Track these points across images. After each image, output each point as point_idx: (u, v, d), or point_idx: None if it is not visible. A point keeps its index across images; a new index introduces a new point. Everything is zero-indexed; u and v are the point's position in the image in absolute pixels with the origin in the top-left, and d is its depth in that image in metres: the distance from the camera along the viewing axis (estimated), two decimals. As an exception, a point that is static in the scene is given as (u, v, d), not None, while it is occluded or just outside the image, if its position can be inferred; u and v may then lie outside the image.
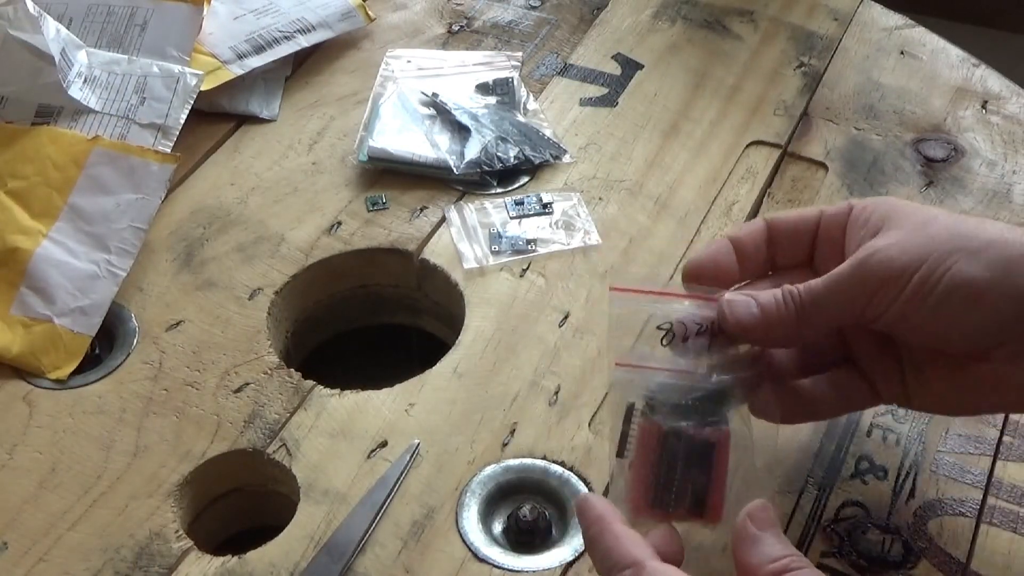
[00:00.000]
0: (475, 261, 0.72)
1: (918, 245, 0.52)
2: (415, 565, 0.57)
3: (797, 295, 0.53)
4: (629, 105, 0.84)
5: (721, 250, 0.57)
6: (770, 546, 0.48)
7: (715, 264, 0.56)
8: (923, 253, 0.51)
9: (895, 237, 0.52)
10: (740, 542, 0.49)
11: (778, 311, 0.53)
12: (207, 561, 0.58)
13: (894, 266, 0.51)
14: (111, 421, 0.64)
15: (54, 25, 0.78)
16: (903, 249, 0.52)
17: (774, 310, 0.53)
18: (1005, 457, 0.62)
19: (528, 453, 0.62)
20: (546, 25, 0.91)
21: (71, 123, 0.76)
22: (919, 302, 0.51)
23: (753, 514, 0.50)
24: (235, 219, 0.75)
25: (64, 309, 0.68)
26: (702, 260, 0.56)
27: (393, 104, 0.82)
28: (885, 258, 0.52)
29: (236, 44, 0.84)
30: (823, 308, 0.53)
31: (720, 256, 0.57)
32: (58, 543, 0.58)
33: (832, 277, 0.53)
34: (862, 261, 0.52)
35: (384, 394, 0.65)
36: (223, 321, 0.69)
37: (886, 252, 0.52)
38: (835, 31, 0.90)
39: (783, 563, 0.48)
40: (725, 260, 0.56)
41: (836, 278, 0.52)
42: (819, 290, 0.53)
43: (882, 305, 0.52)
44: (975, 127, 0.82)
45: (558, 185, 0.77)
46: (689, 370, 0.52)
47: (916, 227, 0.52)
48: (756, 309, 0.53)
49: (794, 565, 0.48)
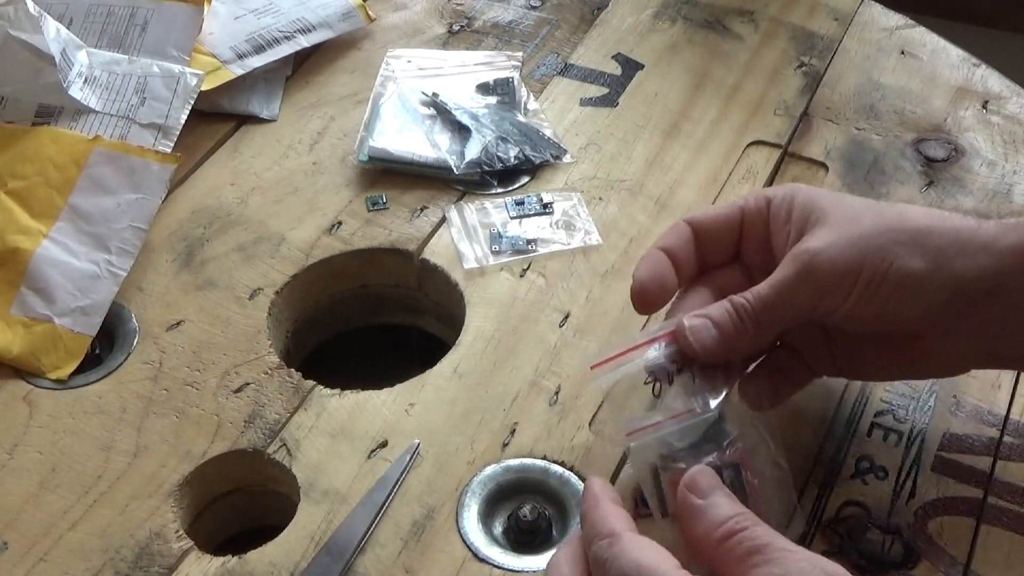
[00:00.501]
0: (475, 261, 0.72)
1: (853, 243, 0.54)
2: (415, 565, 0.57)
3: (749, 308, 0.54)
4: (629, 105, 0.84)
5: (660, 264, 0.58)
6: (713, 512, 0.48)
7: (660, 283, 0.58)
8: (861, 252, 0.53)
9: (829, 237, 0.54)
10: (683, 518, 0.49)
11: (735, 327, 0.54)
12: (207, 561, 0.58)
13: (837, 268, 0.53)
14: (111, 421, 0.64)
15: (54, 25, 0.78)
16: (841, 250, 0.54)
17: (731, 327, 0.54)
18: (1005, 457, 0.62)
19: (528, 453, 0.62)
20: (546, 25, 0.91)
21: (71, 123, 0.76)
22: (868, 299, 0.54)
23: (691, 483, 0.49)
24: (235, 219, 0.75)
25: (64, 309, 0.68)
26: (646, 282, 0.57)
27: (393, 104, 0.82)
28: (827, 260, 0.53)
29: (236, 44, 0.84)
30: (775, 315, 0.54)
31: (661, 271, 0.58)
32: (58, 543, 0.58)
33: (779, 284, 0.54)
34: (806, 265, 0.54)
35: (384, 394, 0.65)
36: (223, 321, 0.69)
37: (827, 254, 0.54)
38: (835, 31, 0.90)
39: (728, 527, 0.47)
40: (666, 274, 0.58)
41: (783, 285, 0.54)
42: (770, 298, 0.54)
43: (832, 305, 0.54)
44: (975, 127, 0.82)
45: (558, 185, 0.77)
46: (688, 409, 0.53)
47: (844, 224, 0.55)
48: (715, 331, 0.54)
49: (740, 524, 0.47)
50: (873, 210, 0.56)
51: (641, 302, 0.58)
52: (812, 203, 0.56)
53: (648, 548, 0.47)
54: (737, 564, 0.46)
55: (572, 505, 0.60)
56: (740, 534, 0.46)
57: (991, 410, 0.64)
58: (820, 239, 0.54)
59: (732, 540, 0.46)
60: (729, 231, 0.59)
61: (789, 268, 0.54)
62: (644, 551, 0.46)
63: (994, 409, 0.64)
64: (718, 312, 0.54)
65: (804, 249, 0.54)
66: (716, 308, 0.55)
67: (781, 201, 0.57)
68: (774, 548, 0.45)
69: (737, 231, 0.59)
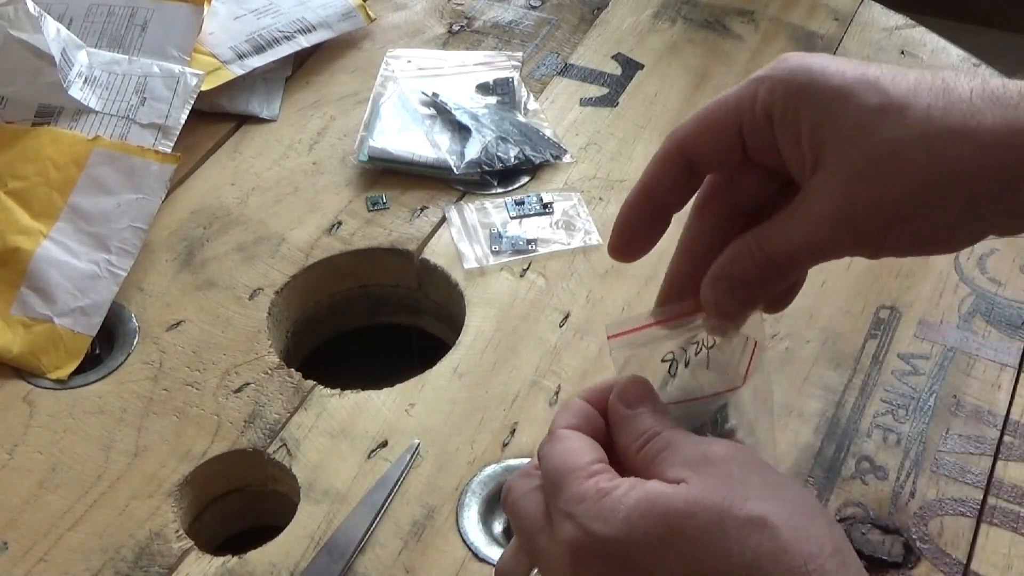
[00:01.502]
0: (475, 261, 0.72)
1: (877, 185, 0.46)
2: (415, 565, 0.57)
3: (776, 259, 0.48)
4: (629, 105, 0.84)
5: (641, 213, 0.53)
6: (636, 422, 0.47)
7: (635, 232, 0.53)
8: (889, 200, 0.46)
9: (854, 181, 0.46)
10: (613, 426, 0.48)
11: (761, 283, 0.49)
12: (207, 561, 0.58)
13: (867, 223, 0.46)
14: (111, 421, 0.64)
15: (54, 25, 0.78)
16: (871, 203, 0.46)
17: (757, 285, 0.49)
18: (1005, 457, 0.62)
19: (528, 453, 0.62)
20: (546, 25, 0.91)
21: (71, 123, 0.76)
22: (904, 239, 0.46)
23: (623, 391, 0.48)
24: (235, 219, 0.75)
25: (64, 309, 0.68)
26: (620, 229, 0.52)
27: (393, 104, 0.82)
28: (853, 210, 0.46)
29: (236, 44, 0.84)
30: (803, 262, 0.49)
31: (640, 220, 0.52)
32: (58, 543, 0.58)
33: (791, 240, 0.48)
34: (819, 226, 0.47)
35: (384, 394, 0.65)
36: (223, 321, 0.69)
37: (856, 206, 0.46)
38: (835, 31, 0.90)
39: (645, 436, 0.46)
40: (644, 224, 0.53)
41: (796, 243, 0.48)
42: (797, 248, 0.48)
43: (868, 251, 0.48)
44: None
45: (558, 185, 0.77)
46: (696, 395, 0.52)
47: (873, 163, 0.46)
48: (740, 294, 0.49)
49: (650, 433, 0.46)
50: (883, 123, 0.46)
51: (614, 250, 0.53)
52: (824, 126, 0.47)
53: (571, 442, 0.46)
54: (652, 463, 0.46)
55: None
56: (655, 437, 0.46)
57: (991, 410, 0.64)
58: (845, 188, 0.46)
59: (648, 444, 0.46)
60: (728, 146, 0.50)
61: (806, 232, 0.47)
62: (568, 443, 0.46)
63: (994, 409, 0.64)
64: (738, 269, 0.49)
65: (820, 215, 0.47)
66: (735, 263, 0.49)
67: (783, 117, 0.49)
68: (683, 440, 0.46)
69: (738, 143, 0.50)
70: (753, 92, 0.49)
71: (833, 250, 0.48)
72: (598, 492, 0.44)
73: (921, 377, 0.66)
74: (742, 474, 0.44)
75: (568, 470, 0.45)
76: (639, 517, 0.42)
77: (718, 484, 0.43)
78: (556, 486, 0.45)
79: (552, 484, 0.45)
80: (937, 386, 0.66)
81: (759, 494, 0.43)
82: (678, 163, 0.51)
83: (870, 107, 0.47)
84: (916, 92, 0.46)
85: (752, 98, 0.49)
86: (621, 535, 0.43)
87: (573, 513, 0.44)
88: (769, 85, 0.49)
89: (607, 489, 0.44)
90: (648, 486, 0.44)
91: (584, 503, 0.44)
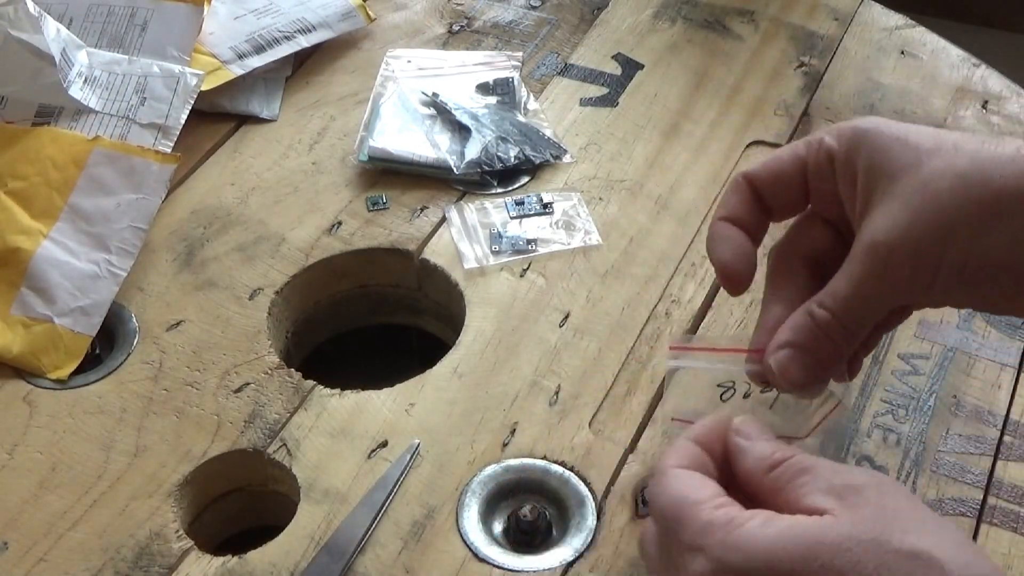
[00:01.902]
0: (475, 261, 0.72)
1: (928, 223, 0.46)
2: (415, 565, 0.57)
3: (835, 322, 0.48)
4: (629, 105, 0.84)
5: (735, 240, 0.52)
6: (759, 447, 0.46)
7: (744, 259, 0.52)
8: (936, 234, 0.46)
9: (898, 215, 0.47)
10: (733, 458, 0.47)
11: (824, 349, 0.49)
12: (207, 561, 0.58)
13: (912, 261, 0.47)
14: (111, 421, 0.64)
15: (54, 25, 0.78)
16: (914, 236, 0.46)
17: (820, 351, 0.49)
18: (1005, 457, 0.62)
19: (528, 453, 0.62)
20: (546, 25, 0.91)
21: (71, 123, 0.76)
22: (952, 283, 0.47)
23: (738, 429, 0.47)
24: (235, 219, 0.75)
25: (64, 309, 0.68)
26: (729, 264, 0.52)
27: (393, 104, 0.82)
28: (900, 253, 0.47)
29: (236, 44, 0.84)
30: (862, 318, 0.49)
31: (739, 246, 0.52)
32: (58, 543, 0.58)
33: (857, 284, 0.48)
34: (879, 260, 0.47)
35: (384, 394, 0.65)
36: (223, 321, 0.69)
37: (900, 241, 0.47)
38: (835, 31, 0.90)
39: (775, 457, 0.45)
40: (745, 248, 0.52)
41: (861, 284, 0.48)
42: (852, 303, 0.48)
43: (917, 297, 0.48)
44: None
45: (558, 185, 0.77)
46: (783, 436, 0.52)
47: (918, 196, 0.47)
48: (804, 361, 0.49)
49: (785, 454, 0.45)
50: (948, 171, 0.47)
51: (732, 285, 0.52)
52: (879, 166, 0.49)
53: (686, 479, 0.45)
54: (787, 487, 0.44)
55: (572, 504, 0.60)
56: (787, 461, 0.44)
57: (991, 410, 0.64)
58: (887, 217, 0.47)
59: (780, 467, 0.45)
60: (792, 188, 0.52)
61: (863, 263, 0.48)
62: (682, 479, 0.45)
63: (994, 409, 0.64)
64: (803, 336, 0.49)
65: (872, 240, 0.47)
66: (799, 330, 0.49)
67: (845, 161, 0.50)
68: (822, 467, 0.44)
69: (802, 187, 0.52)
70: (820, 137, 0.52)
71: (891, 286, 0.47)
72: (729, 522, 0.42)
73: (921, 377, 0.66)
74: (893, 504, 0.42)
75: (688, 504, 0.43)
76: (783, 550, 0.40)
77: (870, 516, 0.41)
78: (677, 521, 0.43)
79: (672, 520, 0.44)
80: (937, 386, 0.66)
81: (916, 526, 0.40)
82: (746, 193, 0.53)
83: (924, 147, 0.48)
84: (968, 137, 0.48)
85: (819, 142, 0.51)
86: (763, 568, 0.40)
87: (703, 546, 0.42)
88: (836, 132, 0.51)
89: (739, 520, 0.42)
90: (790, 518, 0.42)
91: (714, 535, 0.42)
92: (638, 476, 0.61)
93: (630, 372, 0.66)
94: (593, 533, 0.58)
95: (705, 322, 0.69)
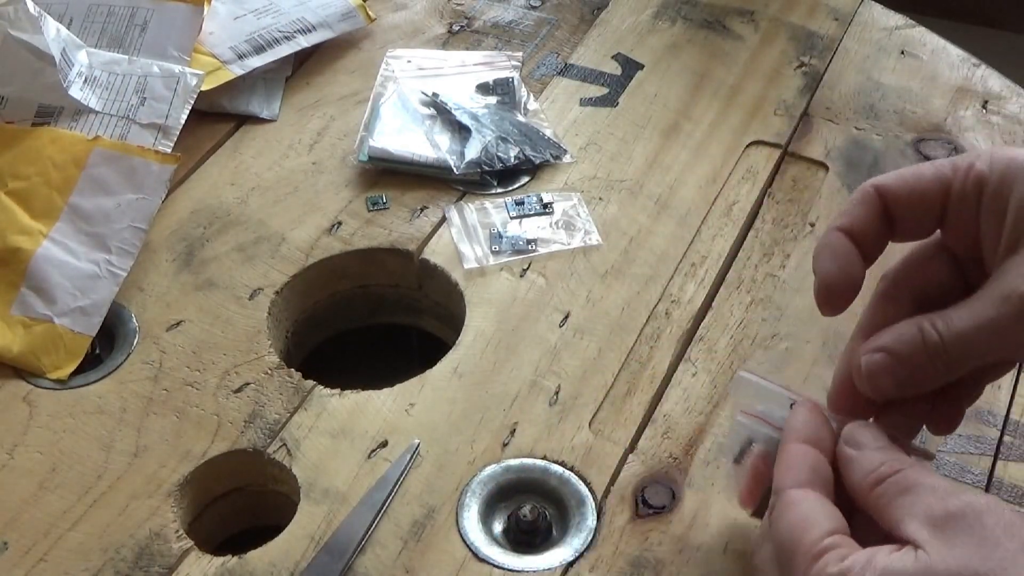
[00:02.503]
0: (475, 261, 0.72)
1: None
2: (415, 565, 0.57)
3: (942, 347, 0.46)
4: (629, 105, 0.84)
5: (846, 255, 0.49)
6: (866, 459, 0.45)
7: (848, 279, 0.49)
8: None
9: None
10: (842, 467, 0.46)
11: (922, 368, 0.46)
12: (207, 561, 0.58)
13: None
14: (111, 421, 0.64)
15: (54, 25, 0.78)
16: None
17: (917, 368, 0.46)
18: (1005, 457, 0.62)
19: (528, 453, 0.62)
20: (546, 25, 0.91)
21: (71, 123, 0.76)
22: None
23: (848, 437, 0.46)
24: (235, 219, 0.75)
25: (64, 309, 0.68)
26: (832, 279, 0.49)
27: (393, 104, 0.82)
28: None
29: (236, 44, 0.84)
30: (971, 355, 0.46)
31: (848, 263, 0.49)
32: (58, 543, 0.58)
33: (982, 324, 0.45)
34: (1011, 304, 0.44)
35: (384, 394, 0.65)
36: (223, 321, 0.69)
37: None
38: (835, 31, 0.90)
39: (880, 472, 0.44)
40: (854, 267, 0.49)
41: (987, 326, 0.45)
42: (969, 337, 0.45)
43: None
44: (975, 127, 0.82)
45: (558, 185, 0.77)
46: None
47: None
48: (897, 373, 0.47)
49: (891, 468, 0.43)
50: None
51: (827, 304, 0.49)
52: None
53: (803, 506, 0.44)
54: (889, 507, 0.43)
55: (572, 504, 0.60)
56: (891, 477, 0.43)
57: (991, 410, 0.64)
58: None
59: (884, 483, 0.44)
60: (928, 208, 0.48)
61: (996, 308, 0.45)
62: (798, 510, 0.44)
63: (994, 409, 0.64)
64: (905, 347, 0.46)
65: (1015, 290, 0.44)
66: (903, 341, 0.47)
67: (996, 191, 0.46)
68: (926, 488, 0.42)
69: (939, 209, 0.48)
70: (970, 161, 0.48)
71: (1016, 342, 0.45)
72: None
73: (921, 377, 0.66)
74: (995, 536, 0.39)
75: (798, 545, 0.43)
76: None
77: (967, 552, 0.39)
78: (792, 554, 0.43)
79: (787, 552, 0.43)
80: (937, 386, 0.65)
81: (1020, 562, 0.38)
82: (875, 205, 0.49)
83: None
84: None
85: (968, 167, 0.48)
86: None
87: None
88: (989, 158, 0.48)
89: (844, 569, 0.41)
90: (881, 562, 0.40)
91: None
92: (638, 476, 0.61)
93: (630, 372, 0.66)
94: (593, 533, 0.58)
95: (705, 322, 0.69)
